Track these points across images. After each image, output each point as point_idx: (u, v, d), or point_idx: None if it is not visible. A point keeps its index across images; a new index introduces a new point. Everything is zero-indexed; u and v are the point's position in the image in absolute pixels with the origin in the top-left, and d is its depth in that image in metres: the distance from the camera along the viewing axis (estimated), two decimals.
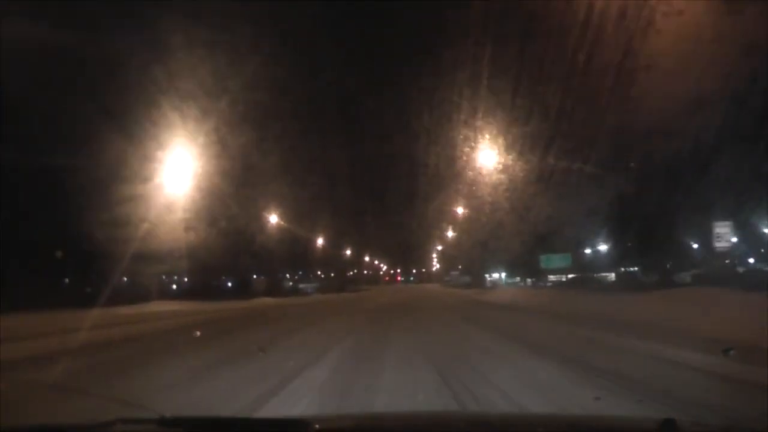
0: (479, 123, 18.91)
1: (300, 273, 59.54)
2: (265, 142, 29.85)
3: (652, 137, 17.28)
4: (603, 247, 37.26)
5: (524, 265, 39.88)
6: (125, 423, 1.96)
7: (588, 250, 36.59)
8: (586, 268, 37.92)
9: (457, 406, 5.09)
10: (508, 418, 3.17)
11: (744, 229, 27.83)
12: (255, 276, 49.85)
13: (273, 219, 39.35)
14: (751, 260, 32.04)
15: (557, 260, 33.75)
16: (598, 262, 36.75)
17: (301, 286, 56.07)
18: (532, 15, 15.01)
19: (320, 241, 52.27)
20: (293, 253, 44.48)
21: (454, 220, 46.74)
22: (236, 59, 20.20)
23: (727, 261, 31.06)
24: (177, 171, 21.45)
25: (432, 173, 29.90)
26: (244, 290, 40.41)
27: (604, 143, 18.24)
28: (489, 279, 55.85)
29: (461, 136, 20.49)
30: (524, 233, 26.31)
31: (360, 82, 40.38)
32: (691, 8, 11.44)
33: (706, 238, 27.74)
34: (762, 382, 5.44)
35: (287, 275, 56.20)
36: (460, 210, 39.65)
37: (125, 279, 38.98)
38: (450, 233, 55.35)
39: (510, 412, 4.71)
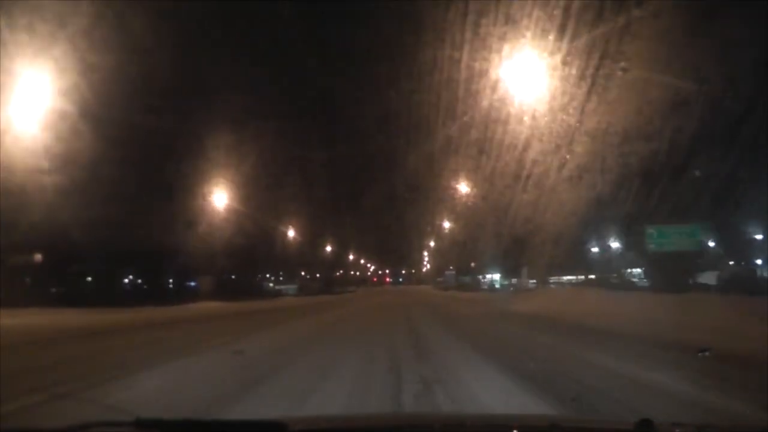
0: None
1: (280, 273, 58.59)
2: (246, 143, 29.60)
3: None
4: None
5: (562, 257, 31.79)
6: (101, 426, 1.97)
7: (595, 249, 34.69)
8: (594, 269, 36.03)
9: None
10: (485, 419, 3.16)
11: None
12: (233, 276, 49.25)
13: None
14: (758, 261, 32.11)
15: (679, 237, 19.39)
16: (598, 263, 35.53)
17: (278, 287, 55.28)
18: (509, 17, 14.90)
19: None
20: (272, 252, 43.56)
21: (454, 204, 37.23)
22: (214, 59, 20.13)
23: (731, 262, 30.89)
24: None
25: (425, 141, 26.72)
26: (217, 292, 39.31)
27: None
28: (482, 280, 55.04)
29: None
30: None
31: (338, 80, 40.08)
32: None
33: (730, 237, 27.23)
34: None
35: (267, 275, 55.67)
36: (463, 188, 31.23)
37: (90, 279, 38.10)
38: (447, 224, 47.61)
39: (487, 413, 4.73)
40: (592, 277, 34.42)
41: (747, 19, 13.08)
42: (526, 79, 16.37)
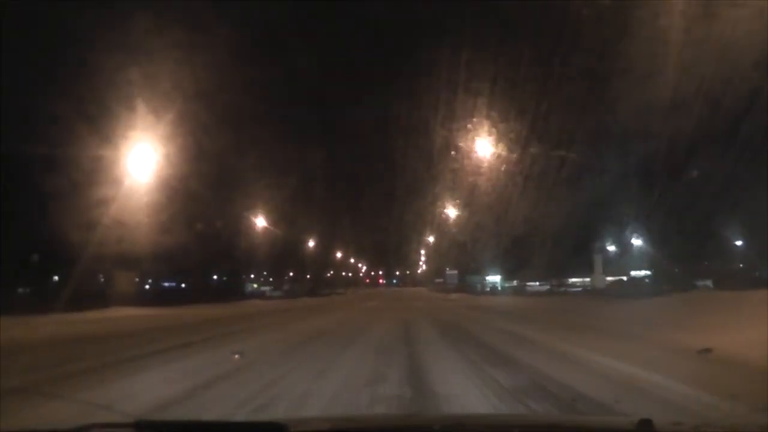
0: None
1: (264, 273, 56.62)
2: (243, 144, 30.78)
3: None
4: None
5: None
6: (101, 427, 2.00)
7: (612, 248, 33.01)
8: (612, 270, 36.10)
9: None
10: (485, 419, 3.24)
11: None
12: (215, 277, 48.59)
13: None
14: None
15: None
16: (611, 264, 33.71)
17: (263, 288, 54.78)
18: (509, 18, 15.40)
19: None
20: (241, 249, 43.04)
21: (463, 180, 28.51)
22: (212, 61, 20.51)
23: (741, 265, 29.97)
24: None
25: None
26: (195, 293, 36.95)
27: None
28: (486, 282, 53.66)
29: None
30: None
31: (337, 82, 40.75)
32: None
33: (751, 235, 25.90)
34: None
35: (252, 275, 54.96)
36: (485, 148, 22.44)
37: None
38: (452, 212, 39.60)
39: (487, 414, 4.76)
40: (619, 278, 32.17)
41: None
42: None
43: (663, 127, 15.77)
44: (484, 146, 21.90)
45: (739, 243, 27.18)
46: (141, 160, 20.26)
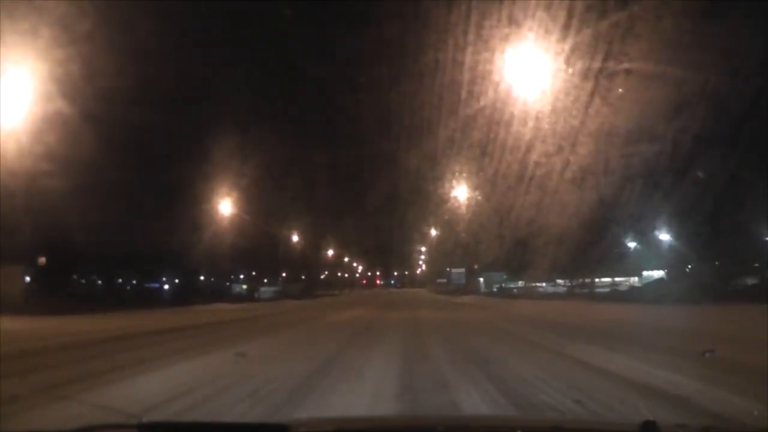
0: None
1: (253, 273, 55.28)
2: (247, 145, 31.68)
3: None
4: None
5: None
6: (105, 428, 2.10)
7: (634, 243, 30.81)
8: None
9: None
10: (488, 420, 3.48)
11: None
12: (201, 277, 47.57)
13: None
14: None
15: None
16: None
17: (257, 290, 54.11)
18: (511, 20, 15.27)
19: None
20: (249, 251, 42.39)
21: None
22: (215, 61, 19.33)
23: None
24: None
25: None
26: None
27: None
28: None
29: None
30: None
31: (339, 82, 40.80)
32: None
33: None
34: None
35: (240, 276, 54.15)
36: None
37: None
38: (463, 193, 34.30)
39: (490, 415, 4.86)
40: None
41: None
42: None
43: None
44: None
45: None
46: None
